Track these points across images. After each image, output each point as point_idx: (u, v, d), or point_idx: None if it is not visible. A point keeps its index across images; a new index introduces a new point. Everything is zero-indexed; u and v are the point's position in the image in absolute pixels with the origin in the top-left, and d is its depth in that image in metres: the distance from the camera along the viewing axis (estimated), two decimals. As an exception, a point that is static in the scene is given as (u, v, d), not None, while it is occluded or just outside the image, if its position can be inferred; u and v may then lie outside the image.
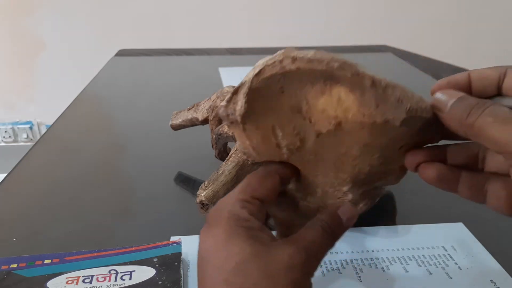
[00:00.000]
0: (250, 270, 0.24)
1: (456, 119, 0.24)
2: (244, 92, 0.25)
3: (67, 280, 0.38)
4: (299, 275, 0.25)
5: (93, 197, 0.55)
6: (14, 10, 1.82)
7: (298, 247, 0.25)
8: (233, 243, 0.25)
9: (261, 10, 1.85)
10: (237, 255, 0.25)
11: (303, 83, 0.25)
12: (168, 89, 0.96)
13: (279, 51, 0.25)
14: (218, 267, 0.25)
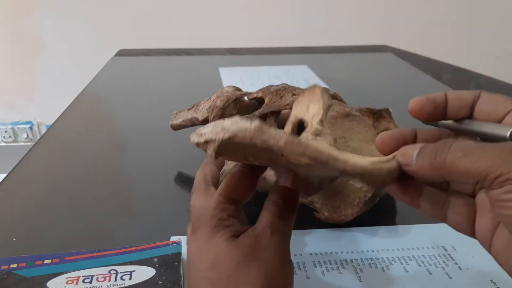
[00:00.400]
0: (224, 263, 0.26)
1: (426, 164, 0.24)
2: (214, 148, 0.25)
3: (67, 280, 0.38)
4: (269, 253, 0.26)
5: (93, 197, 0.55)
6: (14, 10, 1.82)
7: (261, 227, 0.27)
8: (211, 242, 0.27)
9: (261, 10, 1.85)
10: (213, 252, 0.27)
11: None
12: (168, 89, 0.96)
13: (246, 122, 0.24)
14: (199, 267, 0.27)
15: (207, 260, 0.27)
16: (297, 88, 0.53)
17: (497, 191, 0.22)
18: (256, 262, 0.26)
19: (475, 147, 0.23)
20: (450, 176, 0.24)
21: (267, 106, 0.51)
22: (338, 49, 1.32)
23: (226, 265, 0.26)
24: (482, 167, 0.22)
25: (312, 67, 1.10)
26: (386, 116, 0.54)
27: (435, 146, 0.24)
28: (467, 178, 0.23)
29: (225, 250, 0.26)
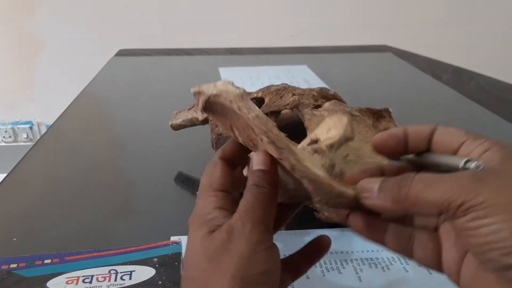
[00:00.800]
0: (199, 260, 0.26)
1: (388, 198, 0.25)
2: (202, 101, 0.27)
3: (67, 280, 0.38)
4: (240, 244, 0.25)
5: (93, 197, 0.55)
6: (14, 10, 1.82)
7: (234, 218, 0.26)
8: (191, 239, 0.27)
9: (261, 10, 1.85)
10: (192, 251, 0.26)
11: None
12: (168, 89, 0.96)
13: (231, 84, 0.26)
14: (184, 268, 0.27)
15: (186, 259, 0.27)
16: (297, 88, 0.53)
17: (462, 220, 0.22)
18: (227, 255, 0.25)
19: (435, 178, 0.23)
20: (413, 209, 0.24)
21: (267, 106, 0.51)
22: (338, 49, 1.32)
23: (199, 262, 0.26)
24: (445, 196, 0.22)
25: (312, 67, 1.10)
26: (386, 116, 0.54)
27: (397, 180, 0.25)
28: (431, 209, 0.23)
29: (199, 248, 0.26)
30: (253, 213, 0.26)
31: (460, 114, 0.85)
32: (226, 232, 0.25)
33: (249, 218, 0.26)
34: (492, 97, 0.95)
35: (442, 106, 0.88)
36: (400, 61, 1.20)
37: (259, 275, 0.25)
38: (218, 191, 0.28)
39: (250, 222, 0.26)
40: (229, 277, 0.24)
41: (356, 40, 1.41)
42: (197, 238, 0.26)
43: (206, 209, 0.27)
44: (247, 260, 0.25)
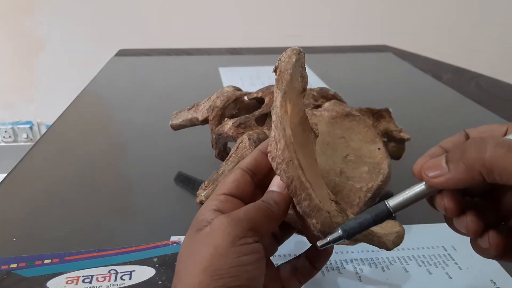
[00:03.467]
0: (181, 255, 0.27)
1: (460, 168, 0.23)
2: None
3: (67, 280, 0.38)
4: (219, 239, 0.25)
5: (93, 197, 0.55)
6: (14, 10, 1.82)
7: (222, 215, 0.26)
8: (183, 242, 0.28)
9: (262, 10, 1.85)
10: (180, 249, 0.27)
11: None
12: (168, 89, 0.96)
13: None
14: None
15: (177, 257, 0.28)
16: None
17: None
18: (203, 247, 0.25)
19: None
20: (491, 176, 0.22)
21: (267, 106, 0.51)
22: (338, 49, 1.32)
23: (181, 256, 0.26)
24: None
25: (312, 67, 1.10)
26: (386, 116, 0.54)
27: (466, 146, 0.23)
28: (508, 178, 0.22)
29: (185, 243, 0.27)
30: (245, 213, 0.26)
31: (460, 114, 0.85)
32: (210, 227, 0.26)
33: (237, 217, 0.26)
34: (492, 97, 0.95)
35: (442, 106, 0.88)
36: (400, 61, 1.20)
37: (231, 268, 0.24)
38: (221, 195, 0.28)
39: (235, 219, 0.26)
40: (201, 269, 0.24)
41: (356, 40, 1.41)
42: (186, 236, 0.27)
43: (203, 211, 0.28)
44: (221, 252, 0.25)
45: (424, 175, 0.25)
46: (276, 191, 0.28)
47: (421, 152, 0.28)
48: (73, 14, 1.82)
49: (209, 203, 0.28)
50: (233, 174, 0.30)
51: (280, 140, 0.26)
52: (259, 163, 0.30)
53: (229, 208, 0.28)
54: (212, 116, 0.54)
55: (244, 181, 0.29)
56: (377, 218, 0.27)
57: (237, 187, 0.29)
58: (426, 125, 0.76)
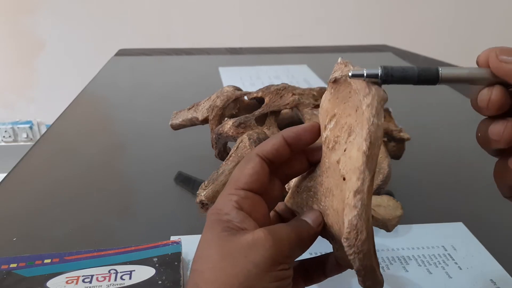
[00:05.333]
0: (210, 255, 0.25)
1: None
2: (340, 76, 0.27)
3: (67, 280, 0.38)
4: (260, 258, 0.24)
5: (93, 197, 0.55)
6: (14, 10, 1.82)
7: (266, 230, 0.25)
8: (204, 237, 0.26)
9: (262, 10, 1.85)
10: (202, 245, 0.26)
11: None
12: (168, 89, 0.96)
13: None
14: (193, 260, 0.26)
15: (197, 252, 0.26)
16: (297, 87, 0.53)
17: None
18: (242, 261, 0.24)
19: None
20: None
21: (267, 105, 0.51)
22: (338, 49, 1.32)
23: (211, 257, 0.25)
24: None
25: (312, 67, 1.10)
26: (386, 116, 0.54)
27: None
28: None
29: (212, 244, 0.25)
30: (287, 238, 0.26)
31: (460, 114, 0.85)
32: (252, 240, 0.25)
33: (280, 239, 0.25)
34: (492, 97, 0.95)
35: (442, 106, 0.88)
36: (400, 61, 1.20)
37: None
38: (241, 190, 0.27)
39: (278, 241, 0.25)
40: (236, 283, 0.24)
41: (356, 40, 1.41)
42: (213, 235, 0.25)
43: (225, 207, 0.26)
44: (260, 273, 0.24)
45: (494, 56, 0.24)
46: (310, 225, 0.27)
47: (421, 152, 0.28)
48: (73, 14, 1.82)
49: (229, 197, 0.26)
50: (251, 163, 0.27)
51: (362, 232, 0.24)
52: (280, 153, 0.28)
53: (249, 206, 0.26)
54: (212, 116, 0.54)
55: (263, 172, 0.27)
56: (422, 73, 0.24)
57: (257, 180, 0.27)
58: (426, 125, 0.76)
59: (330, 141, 0.27)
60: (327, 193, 0.28)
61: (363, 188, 0.23)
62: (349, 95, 0.26)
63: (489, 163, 0.31)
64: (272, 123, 0.49)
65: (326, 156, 0.28)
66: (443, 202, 0.53)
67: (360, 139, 0.24)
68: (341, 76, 0.26)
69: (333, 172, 0.27)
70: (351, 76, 0.25)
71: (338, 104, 0.27)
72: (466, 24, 1.88)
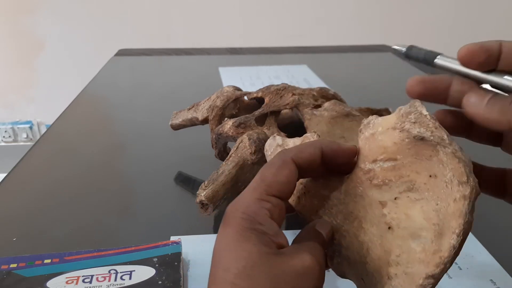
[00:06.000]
0: (257, 275, 0.23)
1: (492, 120, 0.24)
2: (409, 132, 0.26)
3: (67, 280, 0.38)
4: (311, 286, 0.23)
5: (93, 197, 0.55)
6: (14, 10, 1.82)
7: (311, 256, 0.24)
8: (243, 246, 0.24)
9: (261, 10, 1.85)
10: (245, 259, 0.23)
11: None
12: (168, 89, 0.96)
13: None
14: (226, 269, 0.24)
15: (237, 265, 0.23)
16: (297, 88, 0.53)
17: None
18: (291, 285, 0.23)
19: None
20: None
21: (267, 106, 0.51)
22: (338, 49, 1.32)
23: (258, 279, 0.23)
24: None
25: (312, 67, 1.10)
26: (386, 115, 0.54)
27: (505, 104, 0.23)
28: None
29: (260, 262, 0.23)
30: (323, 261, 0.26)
31: (460, 114, 0.85)
32: (300, 268, 0.23)
33: (321, 264, 0.25)
34: (492, 97, 0.95)
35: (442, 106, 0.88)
36: (400, 61, 1.20)
37: None
38: (273, 197, 0.25)
39: (321, 267, 0.25)
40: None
41: (356, 40, 1.41)
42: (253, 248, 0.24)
43: (258, 216, 0.24)
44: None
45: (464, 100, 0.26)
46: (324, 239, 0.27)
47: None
48: (73, 14, 1.82)
49: (262, 203, 0.25)
50: (287, 170, 0.26)
51: None
52: (313, 163, 0.27)
53: (278, 216, 0.25)
54: (212, 116, 0.54)
55: (295, 180, 0.26)
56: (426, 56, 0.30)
57: (289, 189, 0.26)
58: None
59: (377, 178, 0.26)
60: (351, 217, 0.27)
61: (439, 277, 0.23)
62: (428, 158, 0.24)
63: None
64: (272, 123, 0.49)
65: (362, 186, 0.27)
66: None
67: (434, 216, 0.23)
68: (432, 139, 0.24)
69: (369, 207, 0.26)
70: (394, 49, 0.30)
71: (407, 155, 0.25)
72: (466, 24, 1.88)
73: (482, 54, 0.25)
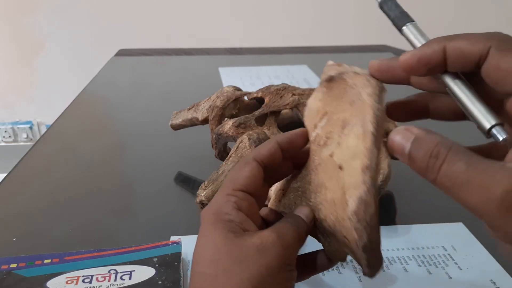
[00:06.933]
0: (220, 259, 0.25)
1: (416, 165, 0.23)
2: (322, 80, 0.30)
3: (66, 280, 0.38)
4: (272, 260, 0.25)
5: (93, 197, 0.55)
6: (14, 10, 1.82)
7: (273, 233, 0.26)
8: (210, 237, 0.26)
9: (261, 10, 1.85)
10: (211, 248, 0.25)
11: None
12: (168, 89, 0.96)
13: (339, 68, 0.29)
14: (196, 262, 0.26)
15: (204, 255, 0.26)
16: (297, 88, 0.53)
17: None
18: (255, 265, 0.24)
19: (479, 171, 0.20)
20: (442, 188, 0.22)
21: (267, 106, 0.51)
22: (338, 49, 1.32)
23: (221, 261, 0.25)
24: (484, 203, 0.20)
25: (312, 67, 1.10)
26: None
27: (427, 151, 0.22)
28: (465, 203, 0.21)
29: (223, 246, 0.25)
30: (292, 239, 0.26)
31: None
32: (261, 244, 0.25)
33: (287, 241, 0.26)
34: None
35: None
36: (400, 61, 1.20)
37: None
38: (239, 191, 0.27)
39: (286, 244, 0.26)
40: (250, 287, 0.24)
41: (356, 40, 1.41)
42: (218, 236, 0.25)
43: (224, 208, 0.27)
44: (271, 275, 0.24)
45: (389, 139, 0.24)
46: (305, 221, 0.28)
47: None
48: (73, 14, 1.82)
49: (228, 197, 0.27)
50: (249, 167, 0.28)
51: (371, 205, 0.24)
52: (274, 158, 0.29)
53: (246, 208, 0.27)
54: (212, 116, 0.54)
55: (260, 176, 0.28)
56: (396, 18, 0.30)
57: (253, 183, 0.28)
58: (426, 125, 0.76)
59: (321, 138, 0.28)
60: (318, 189, 0.28)
61: (372, 164, 0.24)
62: (344, 92, 0.27)
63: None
64: (272, 123, 0.50)
65: (316, 154, 0.29)
66: (443, 202, 0.53)
67: (359, 128, 0.25)
68: (338, 74, 0.28)
69: (325, 167, 0.28)
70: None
71: (330, 102, 0.28)
72: (466, 24, 1.88)
73: (422, 67, 0.25)
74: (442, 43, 0.24)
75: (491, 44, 0.22)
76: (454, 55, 0.23)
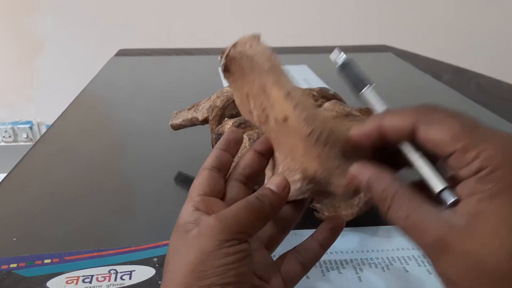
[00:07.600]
0: (170, 257, 0.27)
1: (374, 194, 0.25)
2: (225, 56, 0.30)
3: (67, 280, 0.38)
4: (205, 242, 0.26)
5: (93, 197, 0.55)
6: (14, 10, 1.82)
7: (212, 218, 0.27)
8: (171, 240, 0.28)
9: (261, 10, 1.85)
10: (169, 249, 0.28)
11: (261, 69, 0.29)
12: (168, 89, 0.96)
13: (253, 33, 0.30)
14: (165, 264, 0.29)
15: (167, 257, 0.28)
16: (297, 88, 0.52)
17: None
18: (190, 250, 0.26)
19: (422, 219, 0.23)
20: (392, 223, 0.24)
21: (267, 106, 0.51)
22: (338, 49, 1.32)
23: (168, 259, 0.27)
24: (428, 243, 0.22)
25: (312, 67, 1.10)
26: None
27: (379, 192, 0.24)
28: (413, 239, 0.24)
29: (175, 245, 0.27)
30: (234, 215, 0.27)
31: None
32: (197, 230, 0.26)
33: (226, 219, 0.26)
34: (492, 97, 0.95)
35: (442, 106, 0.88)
36: (400, 61, 1.20)
37: (218, 268, 0.25)
38: (197, 196, 0.29)
39: (224, 222, 0.26)
40: (188, 271, 0.25)
41: (356, 40, 1.41)
42: (173, 238, 0.28)
43: (183, 214, 0.29)
44: (209, 254, 0.25)
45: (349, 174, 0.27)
46: (273, 190, 0.28)
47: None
48: (73, 14, 1.82)
49: (187, 206, 0.29)
50: (200, 176, 0.30)
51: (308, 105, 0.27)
52: (222, 160, 0.31)
53: (207, 206, 0.29)
54: (212, 116, 0.54)
55: (213, 178, 0.30)
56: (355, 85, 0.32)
57: (208, 185, 0.30)
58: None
59: (262, 117, 0.30)
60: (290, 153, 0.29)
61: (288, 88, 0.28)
62: (240, 67, 0.30)
63: None
64: (272, 123, 0.49)
65: (269, 130, 0.30)
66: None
67: (270, 78, 0.28)
68: (223, 59, 0.30)
69: (281, 132, 0.29)
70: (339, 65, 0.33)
71: (241, 83, 0.30)
72: (465, 24, 1.88)
73: (367, 141, 0.27)
74: (377, 122, 0.26)
75: (417, 119, 0.24)
76: (389, 131, 0.25)
